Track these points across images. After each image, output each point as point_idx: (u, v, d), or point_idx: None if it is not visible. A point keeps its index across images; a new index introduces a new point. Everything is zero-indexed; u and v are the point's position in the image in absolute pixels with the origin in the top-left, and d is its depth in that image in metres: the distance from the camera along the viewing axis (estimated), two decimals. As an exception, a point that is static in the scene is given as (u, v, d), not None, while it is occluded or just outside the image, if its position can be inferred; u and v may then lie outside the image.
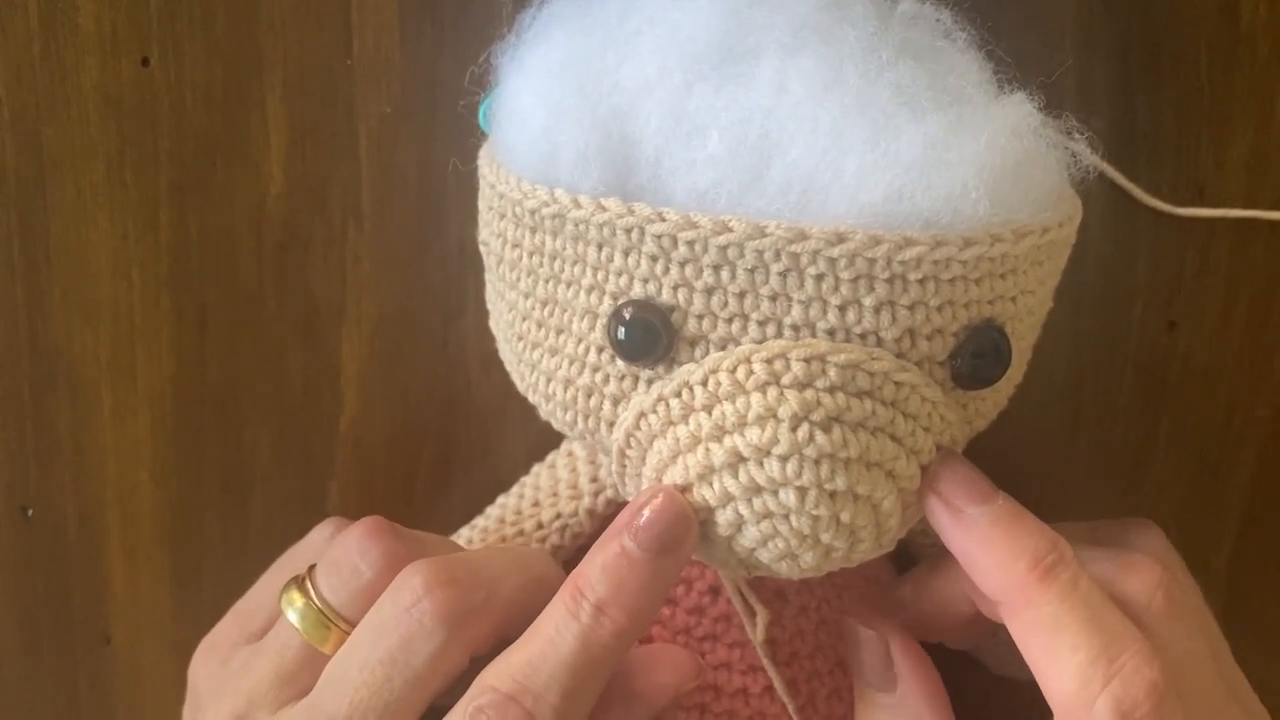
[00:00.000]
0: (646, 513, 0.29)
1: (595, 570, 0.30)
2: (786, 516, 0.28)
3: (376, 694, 0.30)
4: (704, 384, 0.28)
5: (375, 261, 0.40)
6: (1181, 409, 0.41)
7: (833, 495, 0.28)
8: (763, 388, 0.28)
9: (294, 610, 0.32)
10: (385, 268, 0.40)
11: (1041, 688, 0.28)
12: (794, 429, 0.28)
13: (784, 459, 0.28)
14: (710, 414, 0.28)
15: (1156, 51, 0.38)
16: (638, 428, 0.30)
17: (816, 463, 0.28)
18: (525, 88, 0.30)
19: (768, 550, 0.29)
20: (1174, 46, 0.38)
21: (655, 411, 0.29)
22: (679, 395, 0.29)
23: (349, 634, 0.31)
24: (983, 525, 0.29)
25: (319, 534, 0.37)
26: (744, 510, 0.29)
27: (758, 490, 0.28)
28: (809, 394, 0.28)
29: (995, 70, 0.31)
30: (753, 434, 0.28)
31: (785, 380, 0.28)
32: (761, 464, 0.28)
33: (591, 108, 0.29)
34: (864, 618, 0.34)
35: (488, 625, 0.31)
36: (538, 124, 0.29)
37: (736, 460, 0.28)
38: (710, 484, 0.29)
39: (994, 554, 0.29)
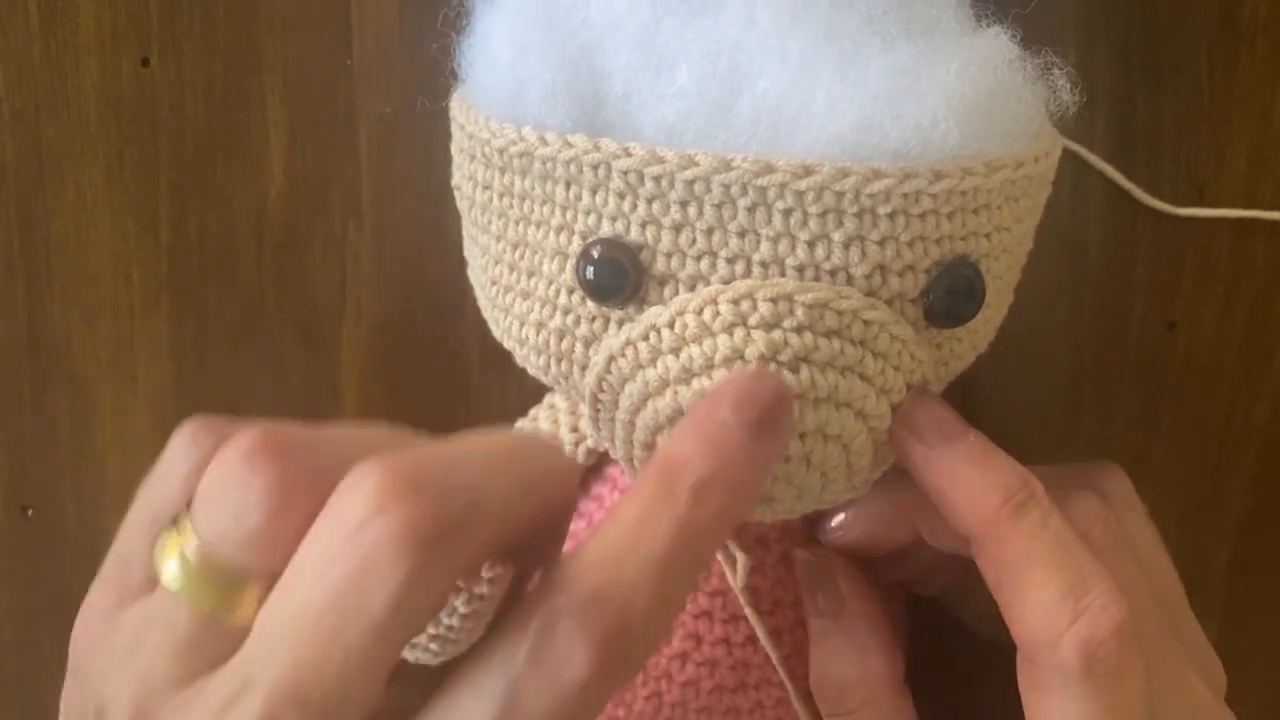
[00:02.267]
0: (745, 384, 0.26)
1: (689, 446, 0.24)
2: None
3: (326, 654, 0.22)
4: (670, 326, 0.28)
5: (375, 261, 0.40)
6: (1181, 409, 0.41)
7: (802, 436, 0.28)
8: (729, 329, 0.28)
9: (172, 566, 0.24)
10: (385, 268, 0.40)
11: (1007, 624, 0.28)
12: None
13: None
14: (678, 356, 0.28)
15: (1156, 51, 0.38)
16: (608, 371, 0.29)
17: None
18: (494, 25, 0.30)
19: None
20: (1174, 46, 0.38)
21: (624, 355, 0.29)
22: (646, 339, 0.28)
23: (257, 590, 0.24)
24: (954, 461, 0.29)
25: (178, 444, 0.26)
26: None
27: None
28: (776, 334, 0.27)
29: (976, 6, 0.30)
30: (720, 376, 0.28)
31: (752, 321, 0.27)
32: None
33: (560, 43, 0.28)
34: (810, 547, 0.34)
35: (474, 547, 0.23)
36: (505, 61, 0.29)
37: None
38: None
39: (965, 490, 0.29)
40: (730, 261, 0.28)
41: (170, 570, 0.24)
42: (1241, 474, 0.41)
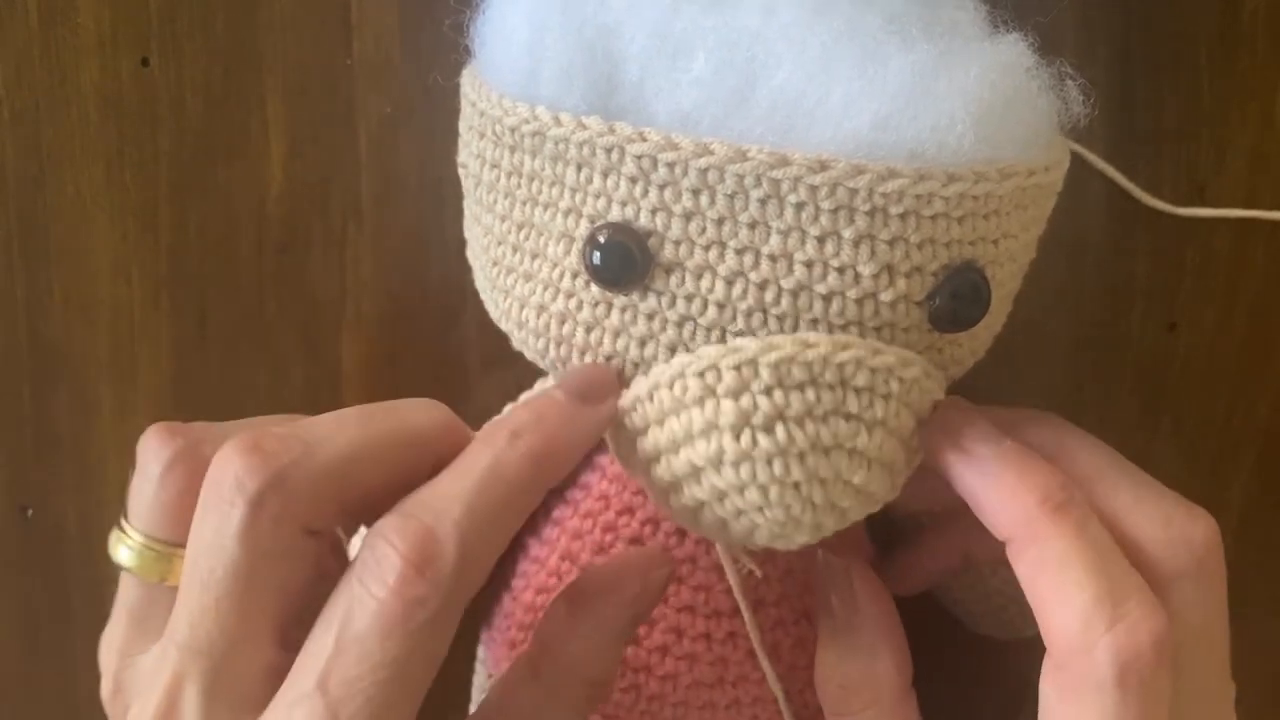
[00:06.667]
0: (578, 372, 0.29)
1: (517, 409, 0.29)
2: (760, 510, 0.28)
3: (203, 605, 0.27)
4: (650, 400, 0.29)
5: (375, 261, 0.40)
6: (1181, 409, 0.41)
7: (796, 486, 0.28)
8: (700, 401, 0.28)
9: (122, 549, 0.30)
10: (385, 268, 0.40)
11: (1041, 628, 0.28)
12: (737, 437, 0.28)
13: (736, 465, 0.28)
14: (663, 428, 0.29)
15: (1156, 51, 0.38)
16: (620, 435, 0.30)
17: (769, 462, 0.28)
18: (511, 3, 0.30)
19: (757, 537, 0.29)
20: (1174, 46, 0.38)
21: (625, 424, 0.29)
22: (635, 410, 0.29)
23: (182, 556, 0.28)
24: (992, 463, 0.29)
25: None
26: (720, 512, 0.29)
27: (724, 495, 0.28)
28: (745, 400, 0.28)
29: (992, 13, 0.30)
30: (701, 447, 0.28)
31: (720, 390, 0.28)
32: (719, 471, 0.28)
33: (577, 25, 0.28)
34: (832, 547, 0.34)
35: (309, 492, 0.27)
36: (521, 40, 0.29)
37: (696, 470, 0.28)
38: (681, 492, 0.29)
39: (1004, 489, 0.29)
40: (739, 253, 0.28)
41: (121, 555, 0.29)
42: (1242, 474, 0.41)
